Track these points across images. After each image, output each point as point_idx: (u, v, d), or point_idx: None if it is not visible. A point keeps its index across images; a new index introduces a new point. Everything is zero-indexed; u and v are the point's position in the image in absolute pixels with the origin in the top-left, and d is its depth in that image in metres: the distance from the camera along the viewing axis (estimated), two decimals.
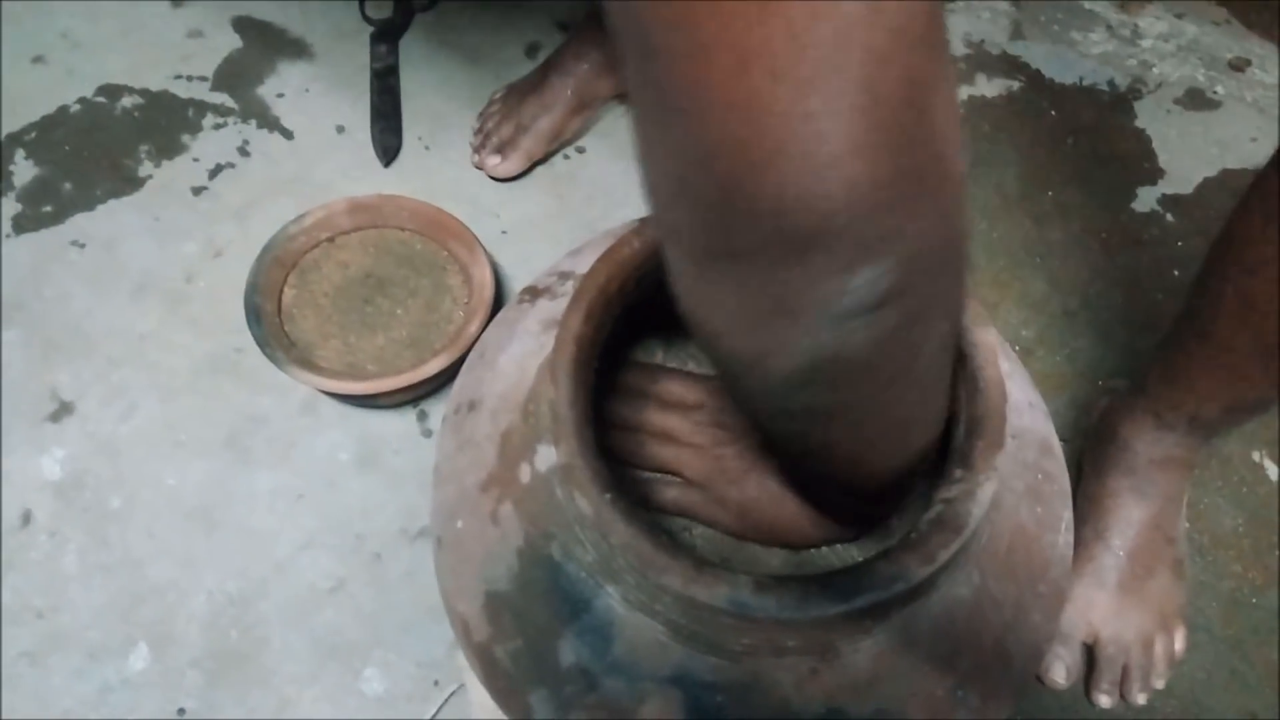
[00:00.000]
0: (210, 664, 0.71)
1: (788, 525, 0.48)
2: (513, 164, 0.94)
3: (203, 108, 0.99)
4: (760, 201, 0.24)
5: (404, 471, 0.80)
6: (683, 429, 0.50)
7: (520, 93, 0.96)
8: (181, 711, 0.69)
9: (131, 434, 0.80)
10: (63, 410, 0.81)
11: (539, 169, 0.97)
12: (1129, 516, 0.71)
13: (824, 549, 0.51)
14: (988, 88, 1.07)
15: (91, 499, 0.77)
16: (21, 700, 0.69)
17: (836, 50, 0.21)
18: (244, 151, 0.96)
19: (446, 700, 0.70)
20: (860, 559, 0.50)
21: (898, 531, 0.51)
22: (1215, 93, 1.08)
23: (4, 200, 0.91)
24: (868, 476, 0.39)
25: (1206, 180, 1.00)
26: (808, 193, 0.23)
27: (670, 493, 0.50)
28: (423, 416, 0.82)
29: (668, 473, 0.51)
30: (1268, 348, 0.56)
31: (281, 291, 0.81)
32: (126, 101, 0.99)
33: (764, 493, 0.48)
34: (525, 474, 0.44)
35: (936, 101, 0.24)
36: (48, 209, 0.91)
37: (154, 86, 1.00)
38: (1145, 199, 0.99)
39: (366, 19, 1.04)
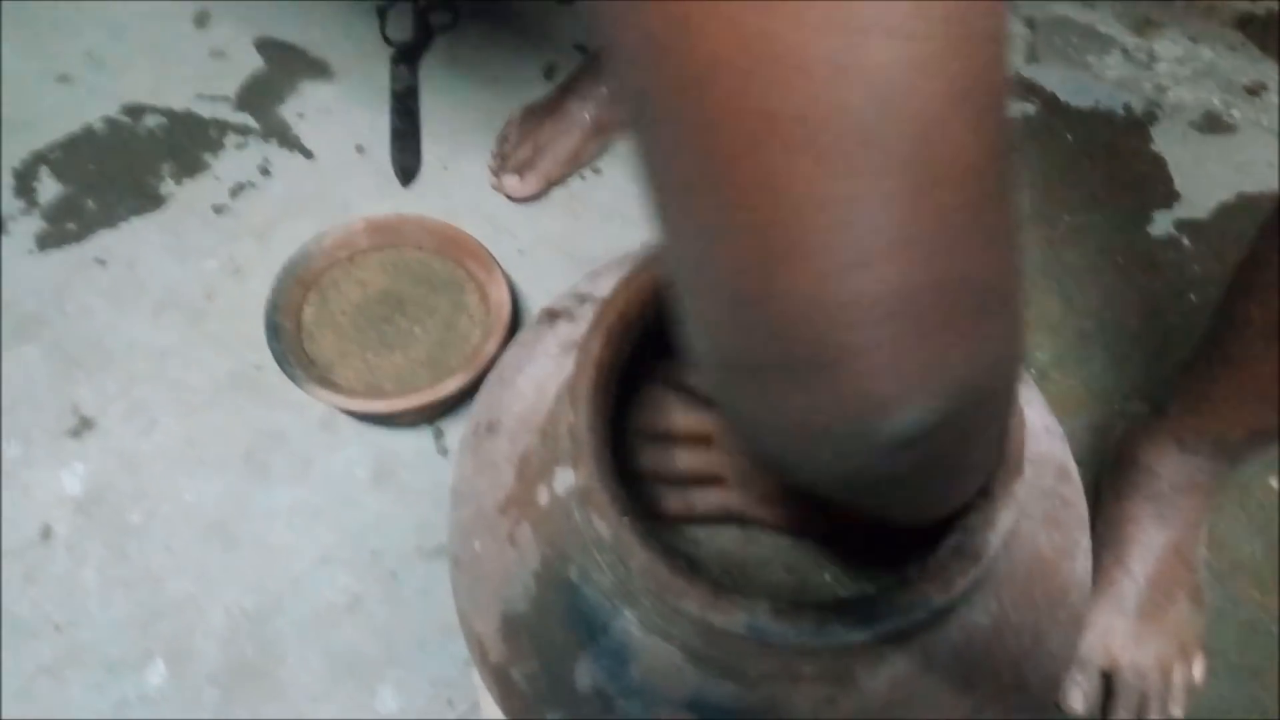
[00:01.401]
0: (227, 679, 0.71)
1: (833, 513, 0.47)
2: (530, 185, 0.95)
3: (225, 127, 1.00)
4: (773, 304, 0.19)
5: (420, 489, 0.80)
6: (715, 429, 0.49)
7: (538, 115, 0.97)
8: None
9: (151, 449, 0.81)
10: (83, 425, 0.81)
11: (556, 189, 0.98)
12: (1150, 542, 0.71)
13: (828, 578, 0.51)
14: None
15: (111, 514, 0.77)
16: (40, 714, 0.70)
17: (873, 121, 0.17)
18: (265, 171, 0.97)
19: None
20: (872, 590, 0.50)
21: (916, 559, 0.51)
22: (1231, 117, 1.08)
23: (29, 217, 0.93)
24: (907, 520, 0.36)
25: (1223, 204, 1.00)
26: (830, 299, 0.19)
27: (712, 498, 0.49)
28: (439, 435, 0.83)
29: (706, 477, 0.49)
30: None
31: (301, 310, 0.82)
32: (150, 121, 1.00)
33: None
34: (543, 496, 0.44)
35: (993, 192, 0.19)
36: (71, 226, 0.92)
37: (177, 106, 1.01)
38: (1161, 223, 0.99)
39: (387, 40, 1.05)
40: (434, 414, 0.82)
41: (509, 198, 0.96)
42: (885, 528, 0.48)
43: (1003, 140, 0.19)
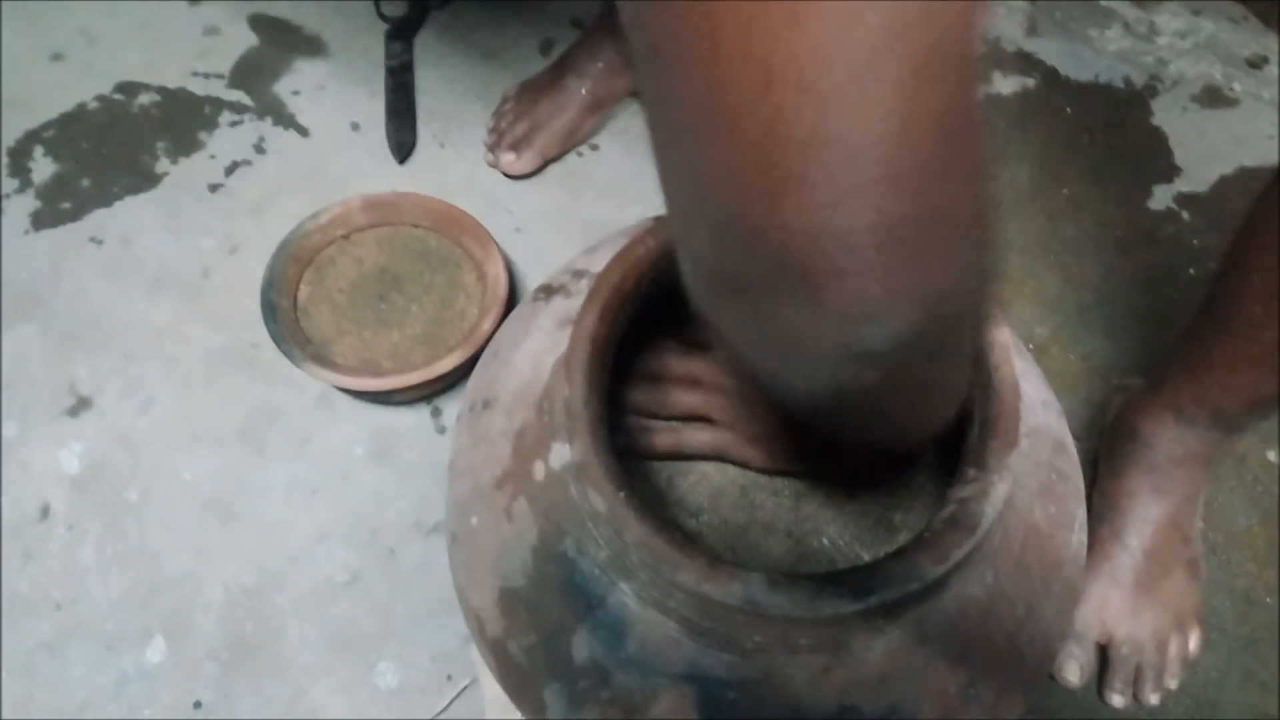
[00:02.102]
0: (226, 655, 0.72)
1: (814, 453, 0.49)
2: (526, 162, 0.94)
3: (219, 105, 1.00)
4: (774, 233, 0.21)
5: (418, 466, 0.80)
6: (706, 372, 0.51)
7: (534, 91, 0.96)
8: (198, 703, 0.70)
9: (148, 427, 0.81)
10: (81, 404, 0.81)
11: (552, 166, 0.97)
12: (1147, 515, 0.71)
13: (826, 543, 0.51)
14: (1004, 85, 1.07)
15: (109, 492, 0.78)
16: (40, 691, 0.70)
17: (870, 65, 0.19)
18: (260, 149, 0.97)
19: (459, 694, 0.71)
20: (868, 558, 0.50)
21: (909, 530, 0.51)
22: (1232, 90, 1.07)
23: (23, 196, 0.92)
24: (884, 444, 0.39)
25: (1223, 178, 0.99)
26: (826, 227, 0.21)
27: (701, 436, 0.51)
28: (436, 412, 0.83)
29: (695, 418, 0.51)
30: None
31: (297, 288, 0.81)
32: (144, 99, 0.99)
33: (789, 425, 0.48)
34: (539, 471, 0.44)
35: (969, 131, 0.22)
36: (66, 205, 0.92)
37: (171, 84, 1.01)
38: (1161, 197, 0.98)
39: (382, 17, 1.04)
40: (431, 391, 0.82)
41: (505, 174, 0.95)
42: (864, 466, 0.50)
43: (975, 89, 0.21)
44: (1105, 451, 0.76)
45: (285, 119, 0.99)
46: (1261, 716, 0.72)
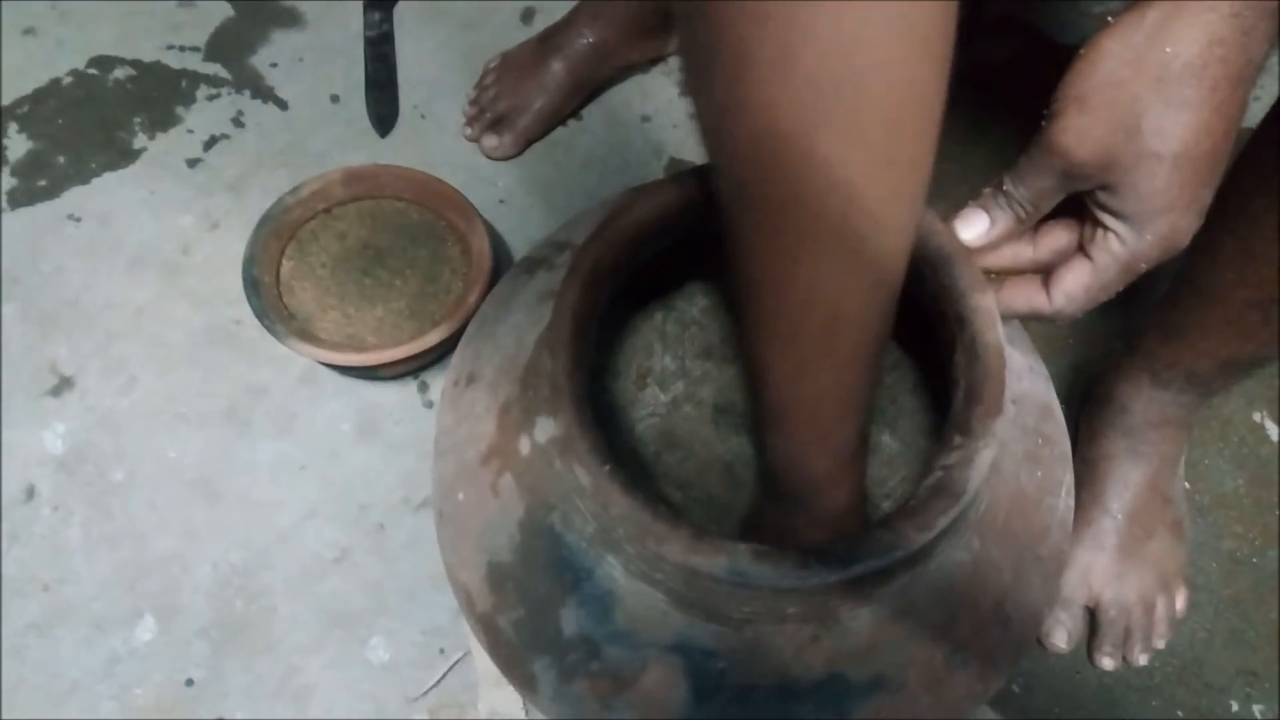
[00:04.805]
0: (217, 634, 0.71)
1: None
2: (509, 145, 0.93)
3: (195, 78, 0.98)
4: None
5: (405, 442, 0.80)
6: None
7: (518, 69, 0.94)
8: (189, 681, 0.70)
9: (132, 407, 0.80)
10: (63, 384, 0.81)
11: None
12: (1125, 479, 0.71)
13: None
14: (988, 49, 1.06)
15: (94, 472, 0.77)
16: (30, 672, 0.70)
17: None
18: (238, 122, 0.95)
19: (452, 668, 0.71)
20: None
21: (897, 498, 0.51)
22: None
23: None
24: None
25: None
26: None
27: None
28: (423, 387, 0.82)
29: None
30: (1265, 300, 0.55)
31: (279, 263, 0.80)
32: (118, 73, 0.98)
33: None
34: (525, 446, 0.44)
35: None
36: (42, 183, 0.91)
37: (146, 57, 0.99)
38: None
39: None
40: (417, 366, 0.81)
41: (488, 157, 0.94)
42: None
43: None
44: (1085, 417, 0.76)
45: (263, 92, 0.97)
46: (1248, 675, 0.73)
